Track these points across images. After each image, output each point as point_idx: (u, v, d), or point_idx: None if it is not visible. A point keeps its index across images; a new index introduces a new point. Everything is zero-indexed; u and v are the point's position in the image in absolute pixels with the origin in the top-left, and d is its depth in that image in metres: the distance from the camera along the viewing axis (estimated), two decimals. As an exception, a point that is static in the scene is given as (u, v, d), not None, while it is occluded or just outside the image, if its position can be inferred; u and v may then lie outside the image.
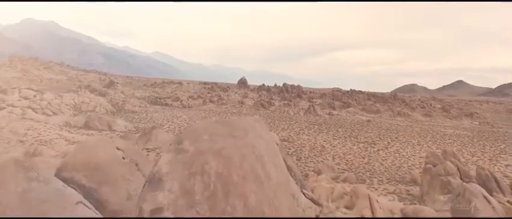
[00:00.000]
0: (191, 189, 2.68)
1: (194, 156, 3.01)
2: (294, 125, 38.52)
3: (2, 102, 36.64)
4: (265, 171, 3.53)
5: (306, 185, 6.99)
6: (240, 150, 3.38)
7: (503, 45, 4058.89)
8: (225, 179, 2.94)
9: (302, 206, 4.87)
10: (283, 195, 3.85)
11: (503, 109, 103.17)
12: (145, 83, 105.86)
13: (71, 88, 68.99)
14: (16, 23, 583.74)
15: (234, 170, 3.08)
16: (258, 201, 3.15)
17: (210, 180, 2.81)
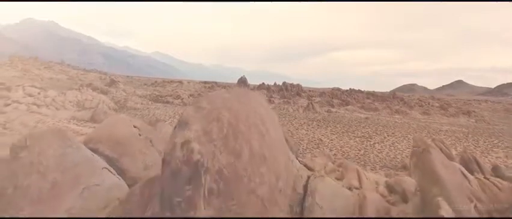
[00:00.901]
0: (210, 131, 3.56)
1: (210, 110, 3.89)
2: (293, 121, 39.43)
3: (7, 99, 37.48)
4: (265, 127, 4.41)
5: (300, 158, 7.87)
6: (245, 110, 4.26)
7: (503, 45, 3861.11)
8: (235, 127, 3.82)
9: (297, 166, 5.76)
10: (280, 150, 4.74)
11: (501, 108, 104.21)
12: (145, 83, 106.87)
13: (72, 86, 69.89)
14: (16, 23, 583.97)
15: (241, 122, 3.96)
16: (259, 147, 4.04)
17: (223, 126, 3.69)
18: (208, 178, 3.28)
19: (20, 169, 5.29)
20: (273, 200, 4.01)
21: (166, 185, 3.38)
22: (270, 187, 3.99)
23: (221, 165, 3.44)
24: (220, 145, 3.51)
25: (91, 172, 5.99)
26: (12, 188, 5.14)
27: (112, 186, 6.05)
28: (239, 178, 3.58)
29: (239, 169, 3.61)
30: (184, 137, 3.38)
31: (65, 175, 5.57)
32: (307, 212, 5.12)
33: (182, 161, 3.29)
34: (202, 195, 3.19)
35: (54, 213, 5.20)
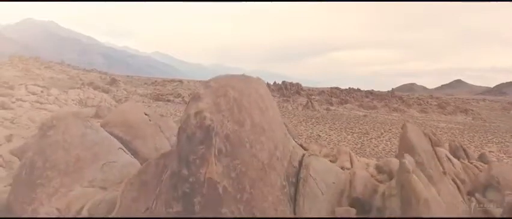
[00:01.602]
0: (218, 103, 4.25)
1: (218, 88, 4.58)
2: (293, 118, 40.12)
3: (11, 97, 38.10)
4: (265, 105, 5.12)
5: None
6: (248, 89, 4.96)
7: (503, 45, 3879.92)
8: (239, 102, 4.51)
9: (293, 144, 6.44)
10: (277, 126, 5.44)
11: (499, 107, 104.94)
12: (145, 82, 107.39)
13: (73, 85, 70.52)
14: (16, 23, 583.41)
15: (244, 98, 4.65)
16: (259, 120, 4.73)
17: (230, 100, 4.38)
18: (218, 140, 3.97)
19: (48, 146, 5.98)
20: (272, 165, 4.70)
21: (182, 146, 4.07)
22: (269, 153, 4.68)
23: (228, 131, 4.13)
24: (227, 116, 4.20)
25: (108, 150, 6.70)
26: (42, 161, 5.83)
27: (126, 164, 6.76)
28: (243, 143, 4.28)
29: (243, 136, 4.31)
30: (198, 108, 4.07)
31: (86, 152, 6.27)
32: (302, 182, 5.79)
33: (196, 126, 3.98)
34: (212, 153, 3.88)
35: (79, 183, 5.91)
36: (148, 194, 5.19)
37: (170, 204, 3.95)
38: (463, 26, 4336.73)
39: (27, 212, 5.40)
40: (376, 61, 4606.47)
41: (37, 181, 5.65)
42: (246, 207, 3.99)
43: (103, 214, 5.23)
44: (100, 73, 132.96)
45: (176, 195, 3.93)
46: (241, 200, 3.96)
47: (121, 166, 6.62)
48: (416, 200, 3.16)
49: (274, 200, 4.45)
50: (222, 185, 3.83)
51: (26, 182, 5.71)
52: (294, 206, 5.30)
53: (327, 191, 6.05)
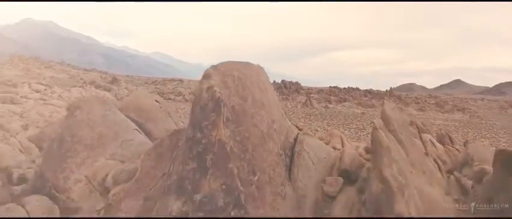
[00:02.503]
0: (226, 81, 5.12)
1: (225, 70, 5.44)
2: (292, 115, 41.01)
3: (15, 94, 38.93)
4: (264, 86, 5.99)
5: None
6: (250, 72, 5.83)
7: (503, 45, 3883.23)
8: (243, 82, 5.38)
9: (288, 123, 7.31)
10: (275, 105, 6.31)
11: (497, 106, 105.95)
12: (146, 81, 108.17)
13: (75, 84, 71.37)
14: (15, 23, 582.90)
15: (247, 79, 5.52)
16: (260, 97, 5.60)
17: (235, 79, 5.25)
18: (225, 110, 4.84)
19: (75, 124, 6.85)
20: (270, 134, 5.57)
21: (196, 116, 4.94)
22: (268, 125, 5.56)
23: (234, 103, 5.01)
24: (233, 91, 5.08)
25: (125, 130, 7.58)
26: (70, 137, 6.71)
27: (141, 142, 7.64)
28: (246, 114, 5.15)
29: (246, 108, 5.18)
30: (209, 84, 4.94)
31: (108, 130, 7.15)
32: (296, 155, 6.64)
33: (208, 99, 4.85)
34: (222, 120, 4.74)
35: (102, 156, 6.79)
36: (164, 162, 6.07)
37: (187, 163, 4.82)
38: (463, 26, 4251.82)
39: (59, 179, 6.27)
40: (376, 61, 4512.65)
41: (67, 153, 6.52)
42: (249, 165, 4.86)
43: (124, 180, 6.10)
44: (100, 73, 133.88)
45: (191, 155, 4.80)
46: (244, 159, 4.83)
47: (136, 145, 7.49)
48: (379, 147, 3.97)
49: (272, 162, 5.32)
50: (229, 145, 4.69)
51: (57, 154, 6.57)
52: (289, 174, 6.18)
53: (319, 163, 6.90)
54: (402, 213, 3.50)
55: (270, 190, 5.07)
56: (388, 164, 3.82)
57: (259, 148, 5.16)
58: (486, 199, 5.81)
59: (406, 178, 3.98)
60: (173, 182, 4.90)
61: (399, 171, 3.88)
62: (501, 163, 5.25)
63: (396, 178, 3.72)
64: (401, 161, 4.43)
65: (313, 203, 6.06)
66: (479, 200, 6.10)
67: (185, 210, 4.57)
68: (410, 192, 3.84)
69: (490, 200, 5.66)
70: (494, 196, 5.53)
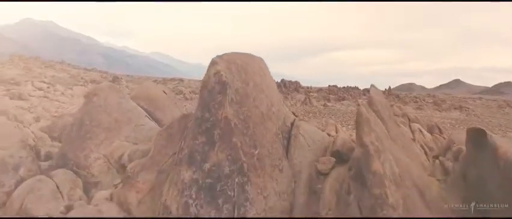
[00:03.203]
0: (230, 68, 5.84)
1: (228, 59, 6.16)
2: (291, 113, 41.77)
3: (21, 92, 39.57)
4: (264, 73, 6.72)
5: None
6: (251, 61, 6.56)
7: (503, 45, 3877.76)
8: (245, 69, 6.11)
9: (286, 110, 8.03)
10: (274, 91, 7.04)
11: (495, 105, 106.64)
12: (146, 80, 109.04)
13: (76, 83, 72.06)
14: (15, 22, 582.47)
15: (249, 67, 6.25)
16: (260, 83, 6.33)
17: (238, 66, 5.98)
18: (230, 92, 5.57)
19: (93, 109, 7.58)
20: (269, 116, 6.30)
21: (204, 98, 5.67)
22: (267, 107, 6.28)
23: (237, 87, 5.73)
24: (236, 76, 5.81)
25: (137, 116, 8.31)
26: (89, 120, 7.43)
27: (152, 128, 8.37)
28: (248, 97, 5.88)
29: (248, 91, 5.91)
30: (216, 69, 5.67)
31: (122, 116, 7.88)
32: (293, 137, 7.36)
33: (215, 82, 5.58)
34: (227, 100, 5.47)
35: (118, 138, 7.51)
36: (174, 142, 6.79)
37: (196, 137, 5.55)
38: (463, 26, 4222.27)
39: (80, 157, 6.99)
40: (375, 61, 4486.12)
41: (86, 135, 7.25)
42: (250, 140, 5.58)
43: (138, 158, 6.82)
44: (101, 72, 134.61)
45: (200, 131, 5.52)
46: (246, 134, 5.56)
47: (147, 129, 8.21)
48: (361, 118, 4.66)
49: (271, 139, 6.05)
50: (233, 122, 5.42)
51: (77, 136, 7.30)
52: (287, 153, 6.90)
53: (313, 145, 7.62)
54: (378, 171, 4.21)
55: (269, 162, 5.80)
56: (367, 133, 4.53)
57: (260, 126, 5.88)
58: (461, 174, 6.54)
59: (383, 145, 4.69)
60: (185, 155, 5.63)
61: (377, 139, 4.59)
62: (471, 140, 5.97)
63: (373, 143, 4.43)
64: (380, 132, 5.15)
65: (307, 178, 6.78)
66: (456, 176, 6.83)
67: (195, 177, 5.30)
68: (386, 157, 4.55)
69: (464, 174, 6.39)
70: (467, 170, 6.26)
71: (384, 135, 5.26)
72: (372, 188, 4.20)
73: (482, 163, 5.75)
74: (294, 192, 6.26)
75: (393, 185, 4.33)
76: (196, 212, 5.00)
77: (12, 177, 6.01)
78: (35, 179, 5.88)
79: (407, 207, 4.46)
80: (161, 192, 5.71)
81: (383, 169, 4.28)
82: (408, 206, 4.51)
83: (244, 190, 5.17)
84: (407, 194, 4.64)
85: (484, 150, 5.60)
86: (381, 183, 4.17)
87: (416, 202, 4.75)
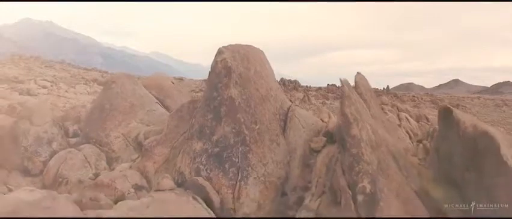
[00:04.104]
0: (234, 56, 6.79)
1: (232, 49, 7.11)
2: (289, 110, 42.74)
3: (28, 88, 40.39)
4: (263, 62, 7.67)
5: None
6: (252, 51, 7.51)
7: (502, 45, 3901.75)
8: (247, 57, 7.06)
9: (283, 96, 8.98)
10: (272, 79, 7.99)
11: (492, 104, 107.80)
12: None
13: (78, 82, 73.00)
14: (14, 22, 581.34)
15: (250, 55, 7.20)
16: (260, 70, 7.28)
17: (241, 55, 6.93)
18: (234, 75, 6.52)
19: (112, 95, 8.52)
20: (268, 98, 7.25)
21: (212, 80, 6.62)
22: (266, 90, 7.23)
23: (240, 71, 6.68)
24: (240, 63, 6.76)
25: (150, 102, 9.26)
26: (109, 105, 8.38)
27: (163, 113, 9.32)
28: (249, 81, 6.83)
29: (249, 76, 6.86)
30: (222, 57, 6.62)
31: (136, 101, 8.82)
32: (289, 120, 8.30)
33: (222, 67, 6.53)
34: (232, 83, 6.42)
35: (133, 120, 8.45)
36: (184, 123, 7.74)
37: (205, 114, 6.50)
38: (462, 26, 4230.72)
39: (102, 136, 7.93)
40: (375, 61, 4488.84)
41: (106, 117, 8.19)
42: (252, 117, 6.53)
43: (154, 134, 7.76)
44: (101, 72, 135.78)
45: (209, 109, 6.48)
46: (248, 112, 6.51)
47: (159, 114, 9.16)
48: (343, 95, 5.61)
49: (269, 118, 7.00)
50: (237, 101, 6.37)
51: (98, 118, 8.24)
52: (283, 133, 7.85)
53: (307, 127, 8.55)
54: (356, 135, 5.15)
55: (268, 137, 6.75)
56: (348, 105, 5.47)
57: (260, 106, 6.84)
58: (435, 149, 7.47)
59: (361, 116, 5.62)
60: (196, 130, 6.59)
61: (356, 111, 5.53)
62: (441, 117, 6.90)
63: (352, 114, 5.36)
64: (360, 107, 6.09)
65: (301, 154, 7.72)
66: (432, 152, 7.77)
67: (205, 147, 6.26)
68: (364, 125, 5.48)
69: (437, 150, 7.32)
70: (439, 145, 7.19)
71: (364, 110, 6.20)
72: (351, 149, 5.15)
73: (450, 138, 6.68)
74: (290, 165, 7.21)
75: (369, 147, 5.28)
76: (206, 174, 5.96)
77: (46, 149, 6.96)
78: (66, 151, 6.82)
79: (381, 167, 5.42)
80: (175, 163, 6.67)
81: (360, 134, 5.23)
82: (382, 166, 5.46)
83: (247, 157, 6.13)
84: (382, 157, 5.58)
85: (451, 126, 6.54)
86: (358, 145, 5.12)
87: (390, 164, 5.70)
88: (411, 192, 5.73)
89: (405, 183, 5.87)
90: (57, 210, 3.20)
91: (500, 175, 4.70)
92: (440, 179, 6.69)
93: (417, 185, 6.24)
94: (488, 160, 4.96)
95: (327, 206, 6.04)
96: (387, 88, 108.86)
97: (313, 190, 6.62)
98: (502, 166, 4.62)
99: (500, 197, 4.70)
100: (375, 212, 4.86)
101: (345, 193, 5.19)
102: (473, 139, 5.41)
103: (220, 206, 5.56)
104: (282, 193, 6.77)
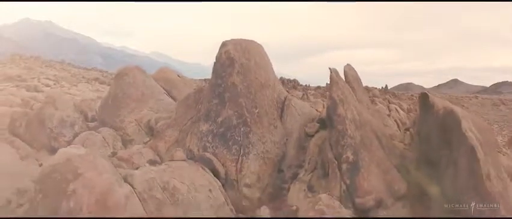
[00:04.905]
0: (236, 48, 7.63)
1: (235, 42, 7.95)
2: (288, 107, 43.56)
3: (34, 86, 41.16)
4: (262, 55, 8.52)
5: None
6: (252, 45, 8.35)
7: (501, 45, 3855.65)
8: (248, 49, 7.91)
9: (281, 86, 9.83)
10: (270, 70, 8.83)
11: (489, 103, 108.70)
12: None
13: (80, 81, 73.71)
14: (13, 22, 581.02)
15: (250, 48, 8.05)
16: (259, 61, 8.13)
17: (242, 47, 7.77)
18: (237, 65, 7.37)
19: (124, 85, 9.37)
20: (266, 86, 8.09)
21: (217, 69, 7.47)
22: (265, 79, 8.09)
23: (242, 62, 7.53)
24: (241, 54, 7.61)
25: (158, 92, 10.11)
26: (122, 93, 9.22)
27: (170, 102, 10.16)
28: (250, 70, 7.68)
29: (250, 66, 7.71)
30: (225, 48, 7.47)
31: (147, 91, 9.67)
32: (286, 107, 9.14)
33: (225, 58, 7.38)
34: (234, 71, 7.27)
35: (144, 108, 9.29)
36: (191, 110, 8.58)
37: (211, 100, 7.35)
38: (462, 26, 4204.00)
39: (116, 122, 8.78)
40: (375, 61, 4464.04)
41: (120, 105, 9.04)
42: (252, 102, 7.38)
43: (165, 119, 8.60)
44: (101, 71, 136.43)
45: (214, 94, 7.33)
46: (249, 97, 7.36)
47: (167, 103, 10.00)
48: (331, 80, 6.44)
49: (268, 103, 7.85)
50: (239, 87, 7.22)
51: (112, 106, 9.08)
52: (281, 119, 8.70)
53: (302, 115, 9.39)
54: (342, 114, 6.00)
55: (266, 120, 7.61)
56: (335, 90, 6.31)
57: (259, 93, 7.69)
58: (417, 133, 8.32)
59: (347, 100, 6.47)
60: (202, 113, 7.44)
61: (343, 95, 6.37)
62: (421, 103, 7.76)
63: (339, 96, 6.21)
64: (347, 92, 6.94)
65: (297, 137, 8.57)
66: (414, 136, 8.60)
67: (211, 128, 7.11)
68: (349, 107, 6.33)
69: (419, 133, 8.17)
70: (420, 129, 8.04)
71: (350, 95, 7.05)
72: (337, 126, 6.01)
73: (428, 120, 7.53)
74: (286, 146, 8.07)
75: (353, 125, 6.14)
76: (212, 151, 6.81)
77: (70, 131, 7.79)
78: (87, 132, 7.65)
79: (364, 142, 6.28)
80: (184, 142, 7.52)
81: (345, 113, 6.09)
82: (365, 142, 6.32)
83: (248, 137, 6.98)
84: (365, 135, 6.45)
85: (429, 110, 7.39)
86: (343, 122, 5.98)
87: (373, 142, 6.56)
88: (390, 166, 6.59)
89: (386, 158, 6.73)
90: (98, 163, 4.03)
91: (462, 146, 5.55)
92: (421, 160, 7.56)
93: (397, 161, 7.12)
94: (454, 134, 5.81)
95: (318, 179, 6.91)
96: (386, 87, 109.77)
97: (306, 166, 7.49)
98: (462, 137, 5.48)
99: (462, 164, 5.54)
100: (357, 177, 5.72)
101: (332, 163, 6.05)
102: (443, 118, 6.27)
103: (224, 177, 6.41)
104: (278, 170, 7.63)
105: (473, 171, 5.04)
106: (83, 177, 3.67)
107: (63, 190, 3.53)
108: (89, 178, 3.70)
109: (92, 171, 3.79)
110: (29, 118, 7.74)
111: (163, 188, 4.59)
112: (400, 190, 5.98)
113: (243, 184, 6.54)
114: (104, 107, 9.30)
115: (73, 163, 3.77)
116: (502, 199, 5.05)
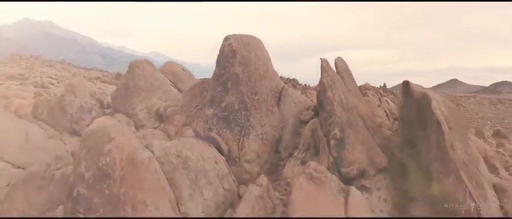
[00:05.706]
0: (238, 42, 8.51)
1: (237, 37, 8.84)
2: (287, 105, 44.41)
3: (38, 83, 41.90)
4: (262, 49, 9.41)
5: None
6: (253, 40, 9.24)
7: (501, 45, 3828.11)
8: (248, 43, 8.80)
9: (278, 78, 10.70)
10: (269, 62, 9.72)
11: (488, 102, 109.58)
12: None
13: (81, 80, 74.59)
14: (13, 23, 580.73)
15: (251, 42, 8.94)
16: (259, 54, 9.02)
17: (243, 41, 8.65)
18: (238, 57, 8.24)
19: (135, 76, 10.24)
20: (265, 76, 8.97)
21: (220, 61, 8.35)
22: (264, 70, 8.97)
23: (243, 54, 8.41)
24: (242, 47, 8.50)
25: (166, 84, 10.98)
26: (133, 84, 10.10)
27: (176, 93, 11.04)
28: (250, 62, 8.55)
29: (250, 58, 8.59)
30: (228, 42, 8.35)
31: (156, 82, 10.55)
32: (283, 97, 10.01)
33: (228, 50, 8.26)
34: (236, 62, 8.15)
35: (153, 97, 10.16)
36: (196, 99, 9.46)
37: (215, 88, 8.24)
38: (462, 26, 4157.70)
39: (128, 109, 9.65)
40: (374, 61, 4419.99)
41: (132, 94, 9.92)
42: (252, 89, 8.26)
43: (172, 107, 9.48)
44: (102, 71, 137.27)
45: (218, 83, 8.22)
46: (249, 86, 8.23)
47: (173, 94, 10.88)
48: (322, 69, 7.32)
49: (267, 92, 8.73)
50: (241, 77, 8.10)
51: (124, 95, 9.96)
52: (278, 106, 9.58)
53: (298, 104, 10.28)
54: (330, 97, 6.88)
55: (265, 106, 8.49)
56: (325, 77, 7.19)
57: (258, 82, 8.57)
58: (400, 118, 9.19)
59: (336, 86, 7.34)
60: (207, 100, 8.32)
61: (332, 81, 7.25)
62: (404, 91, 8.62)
63: (328, 82, 7.09)
64: (336, 80, 7.82)
65: (293, 123, 9.45)
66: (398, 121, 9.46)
67: (215, 112, 7.99)
68: (337, 91, 7.21)
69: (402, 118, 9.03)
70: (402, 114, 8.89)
71: (339, 82, 7.94)
72: (326, 107, 6.90)
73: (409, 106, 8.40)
74: (283, 130, 8.95)
75: (340, 107, 7.02)
76: (216, 132, 7.69)
77: (88, 116, 8.67)
78: (104, 117, 8.53)
79: (350, 123, 7.16)
80: (191, 125, 8.40)
81: (333, 96, 6.98)
82: (351, 122, 7.20)
83: (248, 119, 7.86)
84: (352, 117, 7.33)
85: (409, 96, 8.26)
86: (331, 103, 6.87)
87: (359, 123, 7.44)
88: (374, 144, 7.47)
89: (370, 138, 7.62)
90: (125, 131, 4.90)
91: (433, 125, 6.42)
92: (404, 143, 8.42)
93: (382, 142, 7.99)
94: (427, 114, 6.68)
95: (311, 156, 7.80)
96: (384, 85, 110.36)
97: (300, 147, 8.38)
98: (433, 116, 6.35)
99: (432, 139, 6.42)
100: (343, 152, 6.60)
101: (322, 140, 6.93)
102: (418, 101, 7.15)
103: (228, 154, 7.29)
104: (276, 151, 8.52)
105: (439, 142, 5.92)
106: (115, 140, 4.54)
107: (101, 149, 4.40)
108: (120, 141, 4.57)
109: (121, 136, 4.67)
110: (50, 105, 8.62)
111: (177, 155, 5.46)
112: (381, 163, 6.85)
113: (244, 160, 7.41)
114: (118, 96, 10.18)
115: (106, 130, 4.64)
116: (464, 167, 5.92)
